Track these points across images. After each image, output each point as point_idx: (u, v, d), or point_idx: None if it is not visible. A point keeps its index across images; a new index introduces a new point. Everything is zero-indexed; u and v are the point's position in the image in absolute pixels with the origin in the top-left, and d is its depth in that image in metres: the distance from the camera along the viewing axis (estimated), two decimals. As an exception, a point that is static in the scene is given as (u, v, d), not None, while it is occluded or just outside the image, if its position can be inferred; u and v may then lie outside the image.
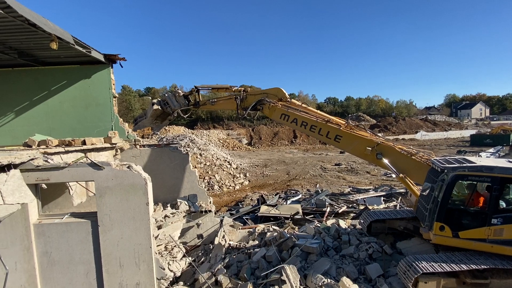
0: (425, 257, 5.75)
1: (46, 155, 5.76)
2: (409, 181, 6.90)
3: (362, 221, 8.09)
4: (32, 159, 5.32)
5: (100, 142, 8.36)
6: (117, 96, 10.62)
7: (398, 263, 6.01)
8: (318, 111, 8.15)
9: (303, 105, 8.11)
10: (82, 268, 5.54)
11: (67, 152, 6.73)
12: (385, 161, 6.90)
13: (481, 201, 5.96)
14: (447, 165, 5.91)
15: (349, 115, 78.66)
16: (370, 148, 6.95)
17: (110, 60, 10.01)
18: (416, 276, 5.29)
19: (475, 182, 5.90)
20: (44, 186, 5.88)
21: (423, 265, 5.41)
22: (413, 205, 7.26)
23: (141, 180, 5.36)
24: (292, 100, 8.26)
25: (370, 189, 16.93)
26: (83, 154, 6.67)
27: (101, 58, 9.57)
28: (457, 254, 5.77)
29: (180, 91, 9.06)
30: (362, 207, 12.30)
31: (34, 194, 5.44)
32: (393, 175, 7.09)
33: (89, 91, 10.03)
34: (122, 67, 10.46)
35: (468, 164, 5.85)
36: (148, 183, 5.45)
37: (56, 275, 5.51)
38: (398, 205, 12.40)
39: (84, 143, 7.83)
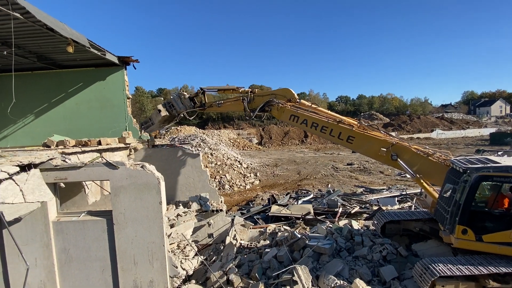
0: (442, 259, 5.56)
1: (64, 155, 5.96)
2: (425, 182, 6.66)
3: (375, 222, 7.92)
4: (51, 159, 5.52)
5: (114, 142, 8.57)
6: (131, 97, 10.86)
7: (414, 265, 5.84)
8: (329, 112, 7.97)
9: (313, 105, 7.95)
10: (98, 264, 5.70)
11: (83, 152, 6.94)
12: (401, 162, 6.67)
13: (506, 202, 5.69)
14: (470, 166, 5.64)
15: (362, 114, 77.24)
16: (385, 149, 6.73)
17: (124, 62, 10.25)
18: (433, 279, 5.12)
19: (500, 183, 5.62)
20: (62, 185, 6.08)
21: (440, 267, 5.23)
22: (429, 207, 7.03)
23: (154, 180, 5.45)
24: (302, 100, 8.12)
25: (383, 189, 16.56)
26: (98, 154, 6.85)
27: (115, 60, 9.82)
28: (476, 257, 5.54)
29: (185, 93, 9.09)
30: (375, 208, 12.05)
31: (53, 193, 5.64)
32: (408, 176, 6.85)
33: (104, 93, 10.31)
34: (135, 68, 10.71)
35: (493, 165, 5.57)
36: (161, 182, 5.54)
37: (74, 271, 5.70)
38: (413, 206, 12.07)
39: (99, 143, 8.06)
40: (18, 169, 4.93)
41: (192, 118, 9.63)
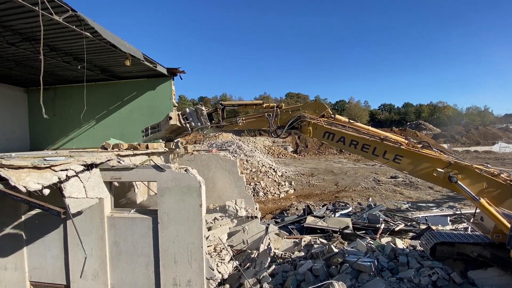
0: (507, 292, 4.83)
1: (119, 157, 6.62)
2: (492, 207, 5.69)
3: (424, 242, 7.21)
4: (109, 160, 6.18)
5: (161, 147, 9.25)
6: (177, 105, 11.69)
7: (471, 295, 5.17)
8: (370, 128, 7.10)
9: (350, 120, 7.12)
10: (143, 260, 6.14)
11: (135, 155, 7.62)
12: (461, 184, 5.76)
13: None
14: None
15: (408, 123, 71.59)
16: (441, 170, 5.83)
17: (172, 73, 11.13)
18: (496, 313, 4.46)
19: None
20: (116, 183, 6.74)
21: (505, 301, 4.54)
22: (490, 232, 6.14)
23: (196, 183, 5.75)
24: (337, 116, 7.27)
25: (433, 206, 15.05)
26: (147, 157, 7.46)
27: (165, 71, 10.72)
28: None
29: (203, 109, 8.01)
30: (423, 227, 11.00)
31: (109, 190, 6.28)
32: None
33: (153, 101, 11.29)
34: (181, 79, 11.50)
35: None
36: (202, 186, 5.81)
37: (122, 264, 6.22)
38: (470, 227, 10.73)
39: (147, 147, 8.78)
40: (82, 168, 5.62)
41: (205, 133, 8.81)
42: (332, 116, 7.14)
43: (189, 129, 7.89)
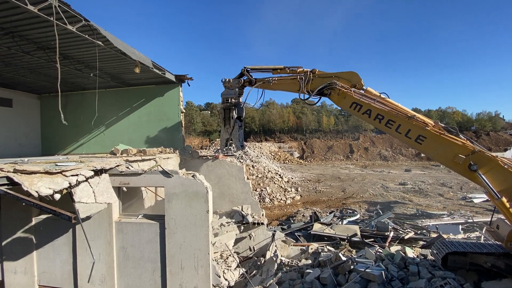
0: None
1: (128, 162, 6.71)
2: None
3: (435, 252, 7.02)
4: (118, 166, 6.26)
5: (168, 152, 9.34)
6: (184, 111, 11.83)
7: (486, 307, 4.98)
8: (400, 105, 6.76)
9: (381, 95, 6.91)
10: (150, 265, 6.14)
11: (143, 160, 7.71)
12: (481, 174, 5.42)
13: None
14: None
15: (415, 129, 70.37)
16: (463, 156, 5.55)
17: (180, 80, 11.30)
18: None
19: None
20: (124, 189, 6.81)
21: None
22: (504, 240, 5.94)
23: (203, 189, 5.77)
24: (368, 88, 7.12)
25: (444, 214, 14.68)
26: (156, 163, 7.53)
27: (173, 78, 10.89)
28: None
29: (227, 79, 8.41)
30: (434, 235, 10.73)
31: (117, 196, 6.35)
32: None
33: (161, 107, 11.46)
34: (189, 85, 11.67)
35: None
36: (209, 191, 5.82)
37: (129, 270, 6.23)
38: (483, 237, 10.41)
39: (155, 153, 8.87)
40: (92, 173, 5.71)
41: (255, 105, 8.83)
42: (364, 88, 7.08)
43: (235, 101, 8.41)
